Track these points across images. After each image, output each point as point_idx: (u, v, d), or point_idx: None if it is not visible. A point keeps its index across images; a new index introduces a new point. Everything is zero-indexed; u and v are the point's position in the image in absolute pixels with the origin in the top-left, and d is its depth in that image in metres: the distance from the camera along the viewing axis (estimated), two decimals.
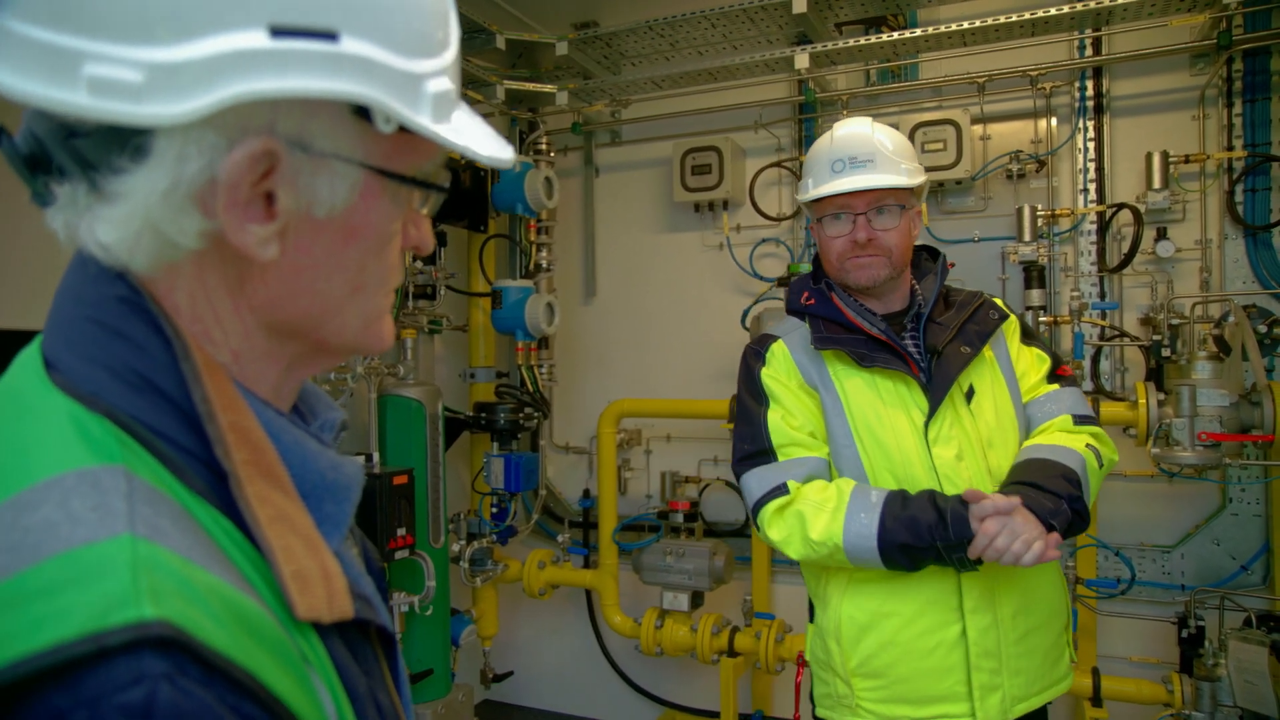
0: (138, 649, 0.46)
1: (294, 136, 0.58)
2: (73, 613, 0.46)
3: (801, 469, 1.81)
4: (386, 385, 3.19)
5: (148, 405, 0.57)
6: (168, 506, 0.53)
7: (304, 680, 0.55)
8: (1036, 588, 1.79)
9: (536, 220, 3.77)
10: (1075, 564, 3.03)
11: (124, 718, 0.44)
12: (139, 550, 0.49)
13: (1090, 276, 3.19)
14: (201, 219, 0.57)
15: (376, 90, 0.58)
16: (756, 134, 3.68)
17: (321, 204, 0.61)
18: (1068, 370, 1.92)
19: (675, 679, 3.84)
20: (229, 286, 0.62)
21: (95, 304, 0.59)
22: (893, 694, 1.77)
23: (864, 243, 1.81)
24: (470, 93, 3.55)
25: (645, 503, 3.87)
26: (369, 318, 0.68)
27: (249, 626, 0.52)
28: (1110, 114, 3.22)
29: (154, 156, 0.55)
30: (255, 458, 0.59)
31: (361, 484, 0.69)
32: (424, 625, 3.20)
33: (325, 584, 0.60)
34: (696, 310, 3.83)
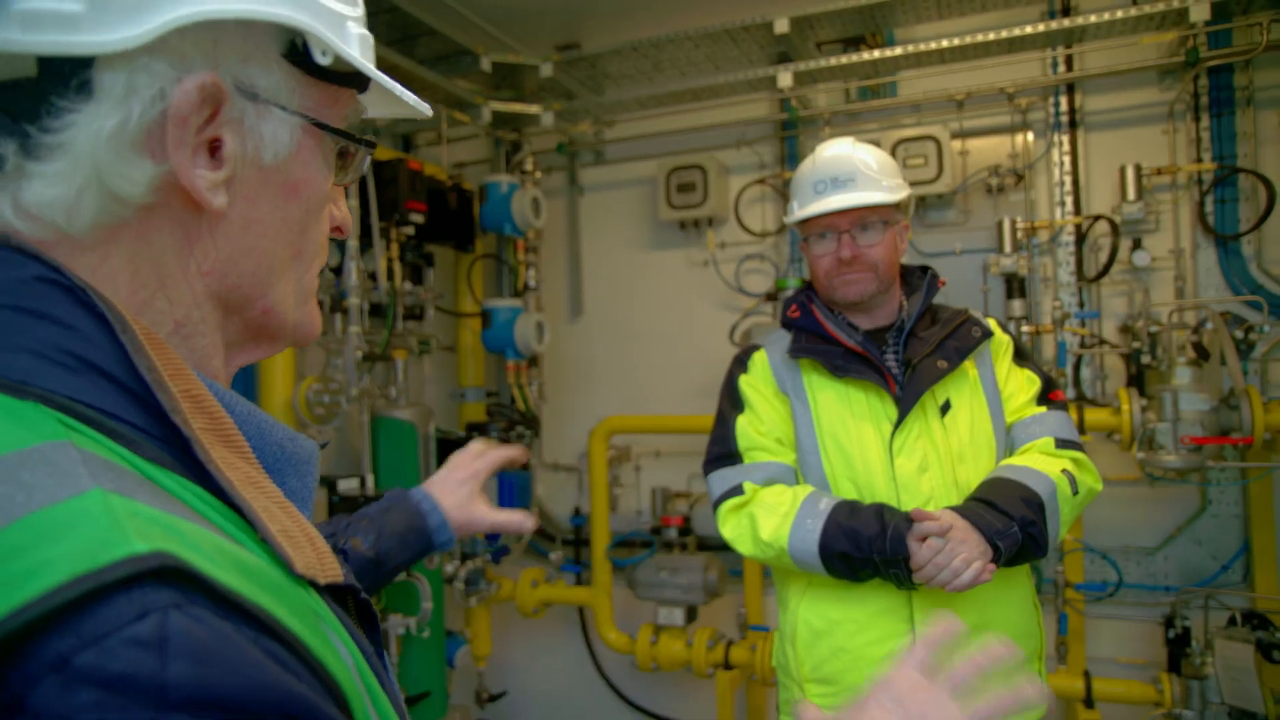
0: (138, 583, 0.41)
1: (237, 76, 0.59)
2: (54, 563, 0.41)
3: (761, 472, 1.86)
4: (378, 407, 3.18)
5: (85, 384, 0.52)
6: (130, 474, 0.49)
7: (319, 631, 0.51)
8: (997, 607, 1.79)
9: (524, 240, 3.79)
10: (1064, 568, 3.09)
11: (137, 651, 0.40)
12: (112, 500, 0.44)
13: (1070, 286, 3.26)
14: (150, 165, 0.56)
15: (309, 17, 0.59)
16: (740, 152, 3.73)
17: (267, 150, 0.61)
18: (1060, 395, 1.95)
19: (671, 694, 3.84)
20: (176, 248, 0.60)
21: (9, 290, 0.54)
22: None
23: (849, 260, 1.86)
24: (456, 114, 3.57)
25: (636, 519, 3.88)
26: (304, 292, 0.68)
27: (249, 572, 0.47)
28: (1084, 128, 3.31)
29: (100, 92, 0.53)
30: (214, 425, 0.56)
31: (318, 458, 0.68)
32: (421, 647, 3.18)
33: (312, 546, 0.57)
34: (684, 327, 3.87)
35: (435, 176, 3.47)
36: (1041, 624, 1.91)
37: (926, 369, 1.83)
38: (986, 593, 1.77)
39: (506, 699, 3.99)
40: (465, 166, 4.00)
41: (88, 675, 0.39)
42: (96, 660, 0.39)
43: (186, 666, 0.40)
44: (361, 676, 0.54)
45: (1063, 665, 3.10)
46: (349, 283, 2.94)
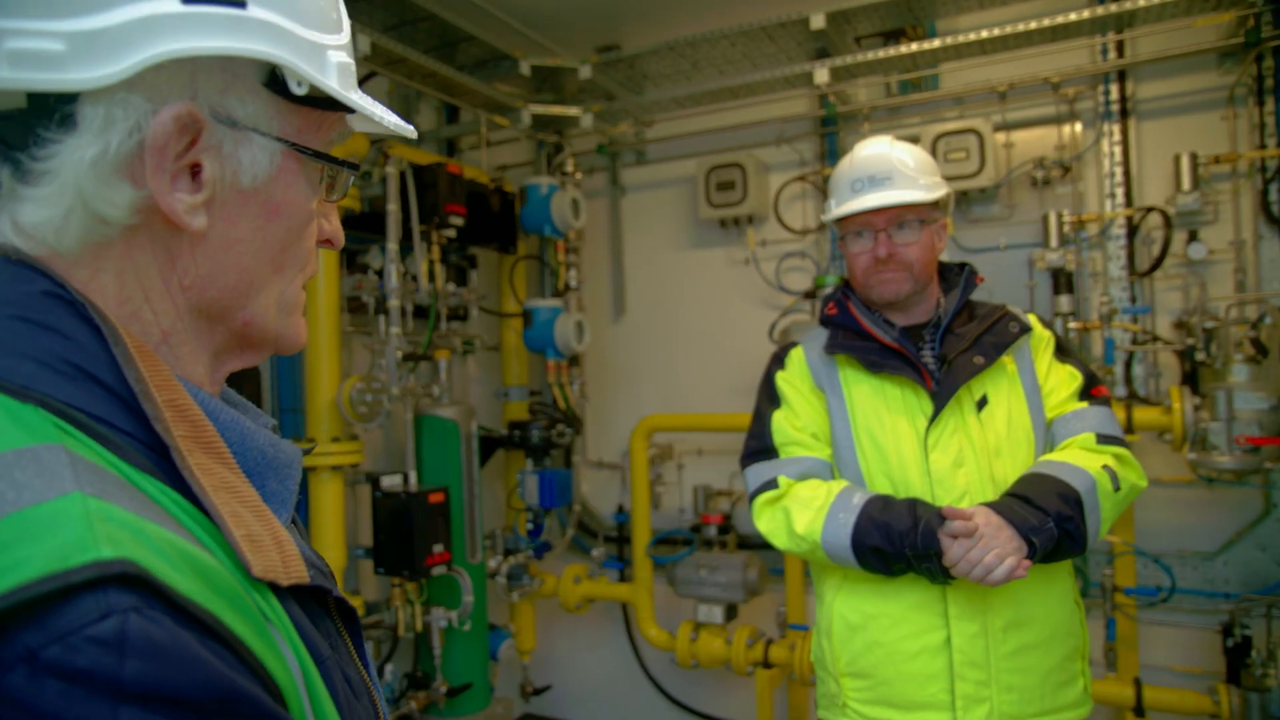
0: (102, 585, 0.46)
1: (215, 106, 0.62)
2: (31, 560, 0.45)
3: (796, 467, 1.88)
4: (422, 406, 3.27)
5: (81, 392, 0.57)
6: (112, 477, 0.54)
7: (264, 633, 0.55)
8: (1035, 604, 1.77)
9: (564, 241, 3.84)
10: (1113, 572, 2.99)
11: (97, 648, 0.44)
12: (90, 504, 0.49)
13: (1120, 281, 3.15)
14: (131, 189, 0.60)
15: (286, 52, 0.62)
16: (779, 149, 3.71)
17: (245, 174, 0.64)
18: (1103, 391, 1.92)
19: (711, 691, 3.85)
20: (159, 264, 0.64)
21: (18, 302, 0.59)
22: (877, 695, 1.79)
23: (885, 258, 1.86)
24: (496, 118, 3.63)
25: (679, 517, 3.89)
26: (287, 305, 0.72)
27: (205, 576, 0.52)
28: (1136, 117, 3.19)
29: (81, 125, 0.58)
30: (195, 433, 0.60)
31: (301, 463, 0.71)
32: (462, 640, 3.26)
33: (278, 549, 0.60)
34: (725, 325, 3.86)
35: (477, 180, 3.54)
36: (1084, 623, 1.88)
37: (962, 364, 1.82)
38: (1024, 589, 1.75)
39: (551, 692, 4.06)
40: (508, 169, 4.07)
41: (53, 668, 0.44)
42: (61, 655, 0.44)
43: (141, 664, 0.45)
44: (304, 675, 0.59)
45: (1112, 672, 3.00)
46: (389, 285, 3.02)
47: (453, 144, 4.01)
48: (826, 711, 1.91)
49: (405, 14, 3.08)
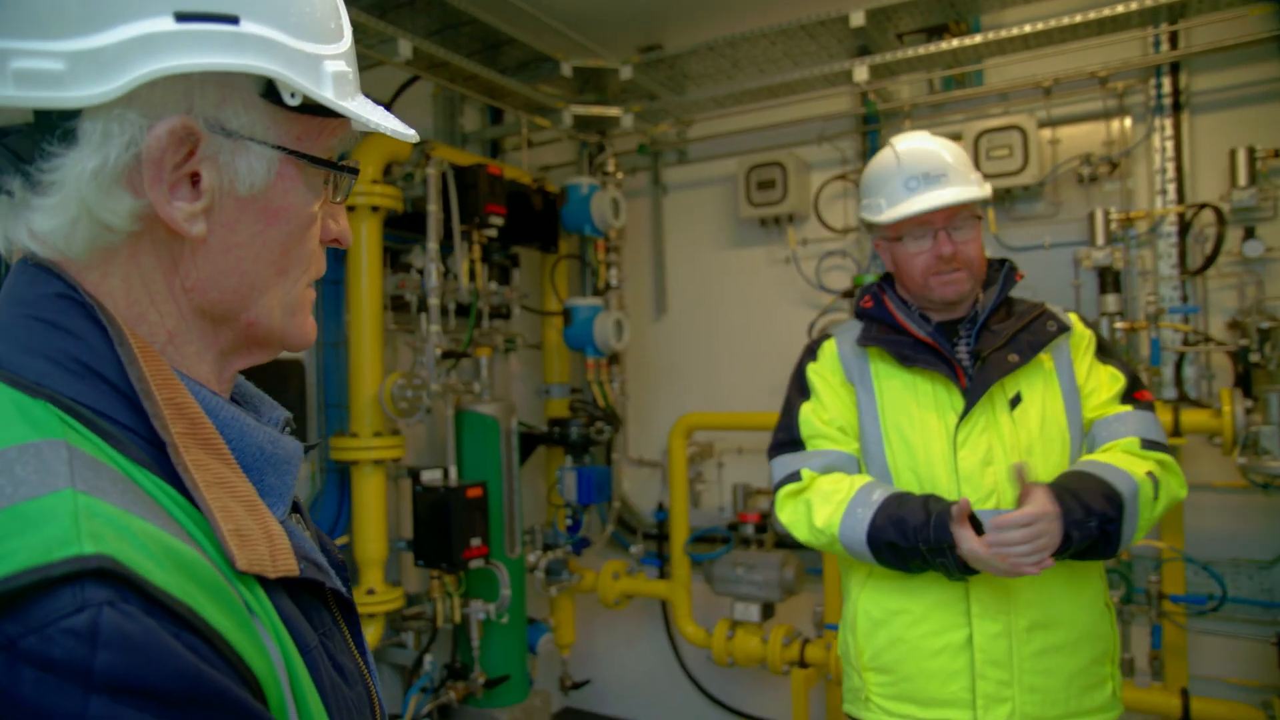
0: (79, 580, 0.48)
1: (211, 118, 0.64)
2: (18, 553, 0.49)
3: (821, 460, 1.87)
4: (463, 402, 3.34)
5: (88, 388, 0.61)
6: (108, 471, 0.57)
7: (245, 624, 0.57)
8: (1061, 605, 1.75)
9: (604, 240, 3.87)
10: (1159, 578, 2.91)
11: (71, 640, 0.47)
12: (79, 501, 0.52)
13: (1171, 280, 3.06)
14: (131, 199, 0.63)
15: (278, 65, 0.64)
16: (820, 147, 3.69)
17: (242, 181, 0.66)
18: (1147, 395, 1.87)
19: (749, 689, 3.85)
20: (163, 269, 0.67)
21: (33, 302, 0.63)
22: (900, 691, 1.78)
23: (949, 256, 1.83)
24: (538, 119, 3.69)
25: (718, 515, 3.90)
26: (291, 305, 0.73)
27: (187, 569, 0.54)
28: (1189, 110, 3.10)
29: (82, 139, 0.61)
30: (192, 430, 0.63)
31: (300, 459, 0.73)
32: (500, 632, 3.32)
33: (268, 542, 0.63)
34: (765, 324, 3.86)
35: (518, 180, 3.60)
36: (1114, 626, 1.84)
37: (996, 362, 1.80)
38: (1051, 589, 1.73)
39: (590, 687, 4.10)
40: (551, 170, 4.12)
41: (29, 657, 0.47)
42: (37, 645, 0.47)
43: (112, 656, 0.47)
44: (286, 664, 0.61)
45: (1158, 681, 2.92)
46: (429, 284, 3.09)
47: (497, 145, 4.07)
48: (851, 706, 1.90)
49: (448, 18, 3.15)
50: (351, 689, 0.71)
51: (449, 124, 3.81)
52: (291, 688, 0.61)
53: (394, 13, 3.04)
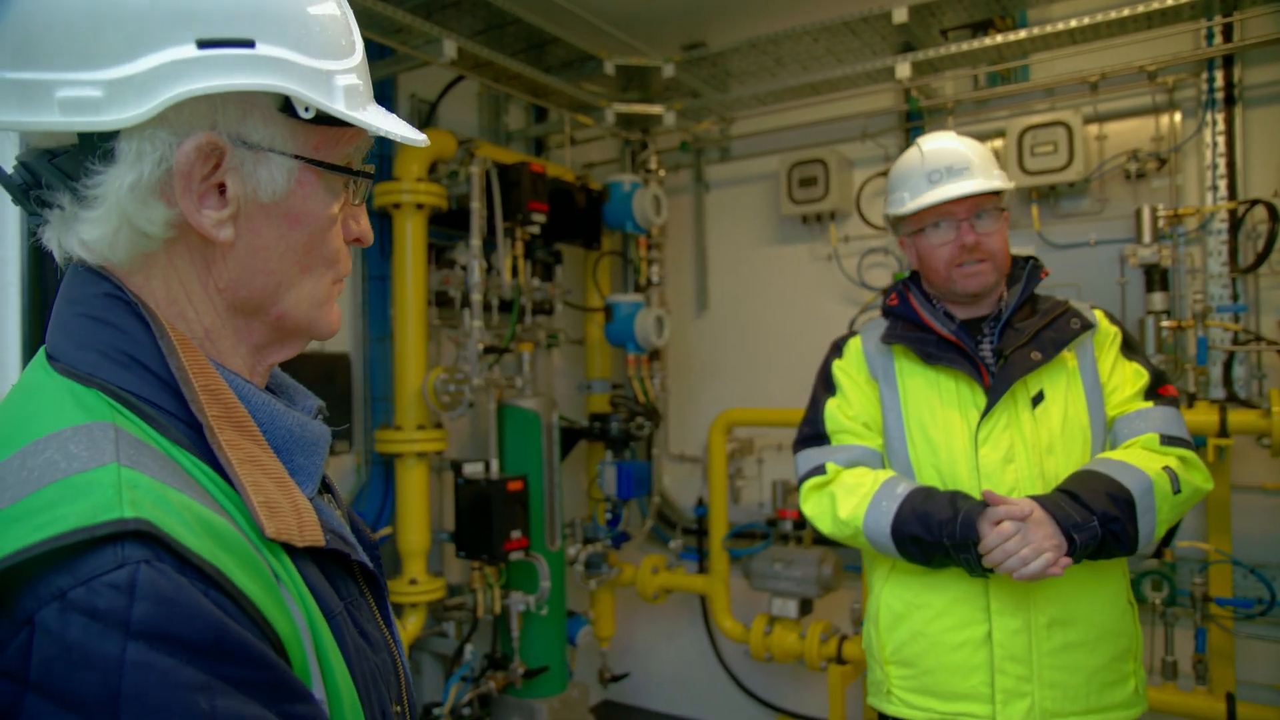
0: (120, 540, 0.56)
1: (234, 132, 0.71)
2: (68, 517, 0.56)
3: (845, 454, 1.90)
4: (505, 396, 3.39)
5: (133, 378, 0.69)
6: (150, 450, 0.64)
7: (271, 588, 0.64)
8: (1081, 602, 1.75)
9: (646, 237, 3.90)
10: (1204, 581, 2.86)
11: (113, 592, 0.54)
12: (122, 474, 0.59)
13: (1221, 278, 3.01)
14: (165, 209, 0.70)
15: (292, 83, 0.70)
16: (863, 144, 3.68)
17: (264, 190, 0.73)
18: (1171, 390, 1.86)
19: (787, 685, 3.86)
20: (198, 271, 0.74)
21: (84, 302, 0.71)
22: (920, 685, 1.80)
23: (972, 246, 1.85)
24: (581, 118, 3.73)
25: (758, 511, 3.91)
26: (317, 299, 0.80)
27: (217, 537, 0.61)
28: (1243, 104, 3.03)
29: (119, 157, 0.68)
30: (226, 413, 0.70)
31: (328, 441, 0.80)
32: (539, 624, 3.37)
33: (296, 515, 0.70)
34: (806, 321, 3.86)
35: (562, 177, 3.64)
36: (1137, 623, 1.84)
37: (1019, 360, 1.80)
38: (1069, 586, 1.74)
39: (628, 680, 4.14)
40: (595, 167, 4.16)
41: (78, 606, 0.54)
42: (85, 596, 0.54)
43: (147, 607, 0.55)
44: (311, 632, 0.68)
45: (1202, 685, 2.87)
46: (472, 280, 3.15)
47: (541, 143, 4.13)
48: (874, 698, 1.93)
49: (493, 19, 3.20)
50: (377, 655, 0.77)
51: (494, 122, 3.87)
52: (315, 648, 0.68)
53: (440, 13, 3.10)
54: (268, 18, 0.70)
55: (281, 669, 0.61)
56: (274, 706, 0.59)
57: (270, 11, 0.70)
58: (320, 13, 0.74)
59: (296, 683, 0.62)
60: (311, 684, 0.66)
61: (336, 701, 0.68)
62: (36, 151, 0.71)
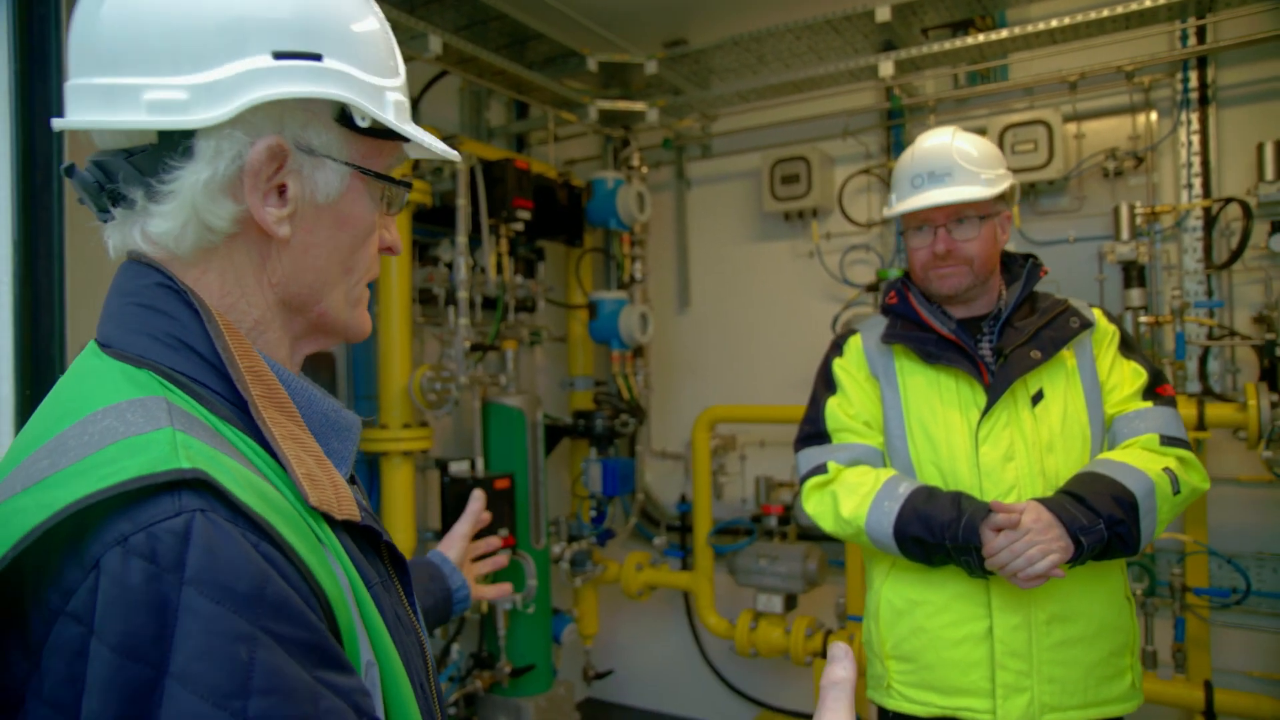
0: (178, 489, 0.60)
1: (298, 137, 0.77)
2: (129, 469, 0.61)
3: (847, 453, 1.91)
4: (489, 394, 3.37)
5: (182, 359, 0.73)
6: (200, 423, 0.69)
7: (316, 550, 0.68)
8: (1081, 598, 1.77)
9: (629, 234, 3.90)
10: (1183, 571, 2.92)
11: (170, 538, 0.58)
12: (177, 436, 0.64)
13: (1196, 274, 3.07)
14: (232, 204, 0.75)
15: (352, 94, 0.77)
16: (844, 142, 3.70)
17: (320, 192, 0.79)
18: (1169, 390, 1.89)
19: (771, 681, 3.88)
20: (254, 265, 0.79)
21: (137, 292, 0.76)
22: (920, 680, 1.82)
23: (943, 255, 1.86)
24: (564, 114, 3.72)
25: (741, 507, 3.93)
26: (353, 299, 0.86)
27: (266, 499, 0.65)
28: (1217, 104, 3.10)
29: (197, 154, 0.73)
30: (268, 393, 0.75)
31: (359, 429, 0.85)
32: (526, 622, 3.36)
33: (334, 490, 0.74)
34: (789, 318, 3.88)
35: (545, 174, 3.63)
36: (1134, 618, 1.87)
37: (1018, 358, 1.82)
38: (1069, 584, 1.76)
39: (612, 677, 4.14)
40: (576, 164, 4.15)
41: (137, 550, 0.58)
42: (144, 541, 0.58)
43: (199, 554, 0.58)
44: (355, 596, 0.71)
45: (1181, 673, 2.93)
46: (458, 277, 3.13)
47: (522, 139, 4.11)
48: (873, 693, 1.94)
49: (476, 14, 3.18)
50: (407, 636, 0.80)
51: (475, 118, 3.85)
52: (361, 614, 0.71)
53: (423, 8, 3.08)
54: (333, 36, 0.77)
55: (322, 632, 0.63)
56: (311, 670, 0.61)
57: (335, 31, 0.78)
58: (375, 36, 0.82)
59: (337, 651, 0.65)
60: (359, 645, 0.69)
61: (386, 663, 0.71)
62: (113, 150, 0.76)
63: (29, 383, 1.32)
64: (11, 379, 1.32)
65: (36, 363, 1.32)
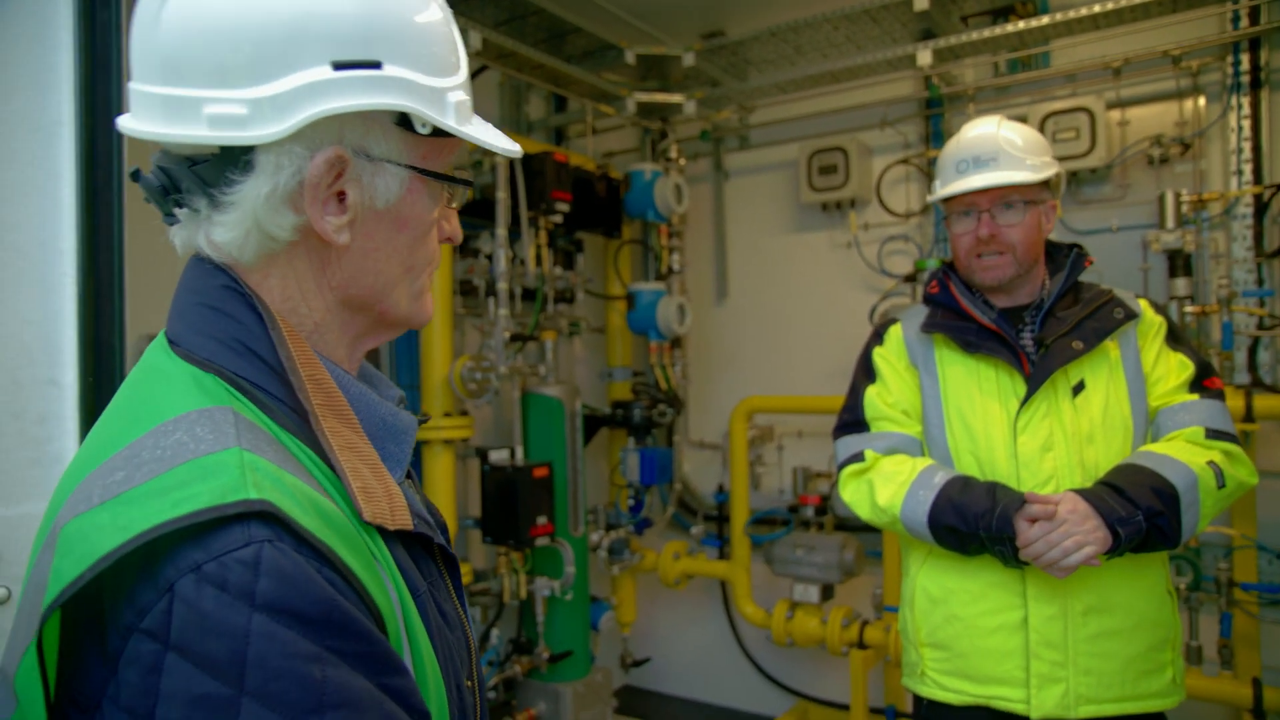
0: (247, 520, 0.62)
1: (357, 145, 0.76)
2: (200, 496, 0.62)
3: (885, 441, 1.92)
4: (529, 384, 3.42)
5: (246, 364, 0.75)
6: (264, 435, 0.71)
7: (370, 566, 0.70)
8: (1119, 591, 1.76)
9: (667, 225, 3.92)
10: (1230, 566, 2.87)
11: (241, 568, 0.61)
12: (244, 457, 0.66)
13: (1245, 263, 3.01)
14: (293, 215, 0.76)
15: (413, 101, 0.76)
16: (882, 132, 3.68)
17: (380, 198, 0.78)
18: (1216, 383, 1.85)
19: (808, 671, 3.89)
20: (314, 271, 0.80)
21: (205, 293, 0.77)
22: (954, 668, 1.82)
23: (986, 239, 1.85)
24: (602, 107, 3.74)
25: (778, 497, 3.94)
26: (416, 294, 0.86)
27: (326, 518, 0.67)
28: (1269, 88, 3.02)
29: (258, 168, 0.74)
30: (328, 402, 0.77)
31: (415, 430, 0.86)
32: (564, 609, 3.41)
33: (388, 500, 0.75)
34: (826, 308, 3.87)
35: (583, 167, 3.66)
36: (1176, 613, 1.84)
37: (1060, 349, 1.81)
38: (1108, 574, 1.75)
39: (650, 665, 4.18)
40: (614, 156, 4.17)
41: (211, 578, 0.60)
42: (217, 570, 0.60)
43: (269, 582, 0.61)
44: (402, 605, 0.73)
45: (1228, 670, 2.89)
46: (498, 269, 3.18)
47: (561, 132, 4.14)
48: (909, 680, 1.95)
49: (515, 9, 3.22)
50: (453, 632, 0.83)
51: (514, 112, 3.89)
52: (405, 625, 0.73)
53: (462, 4, 3.12)
54: (393, 40, 0.75)
55: (382, 642, 0.66)
56: (374, 678, 0.64)
57: (396, 35, 0.76)
58: (436, 34, 0.80)
59: (394, 656, 0.67)
60: (403, 656, 0.71)
61: (421, 673, 0.73)
62: (177, 158, 0.76)
63: (91, 370, 1.39)
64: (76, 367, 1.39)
65: (99, 351, 1.39)
